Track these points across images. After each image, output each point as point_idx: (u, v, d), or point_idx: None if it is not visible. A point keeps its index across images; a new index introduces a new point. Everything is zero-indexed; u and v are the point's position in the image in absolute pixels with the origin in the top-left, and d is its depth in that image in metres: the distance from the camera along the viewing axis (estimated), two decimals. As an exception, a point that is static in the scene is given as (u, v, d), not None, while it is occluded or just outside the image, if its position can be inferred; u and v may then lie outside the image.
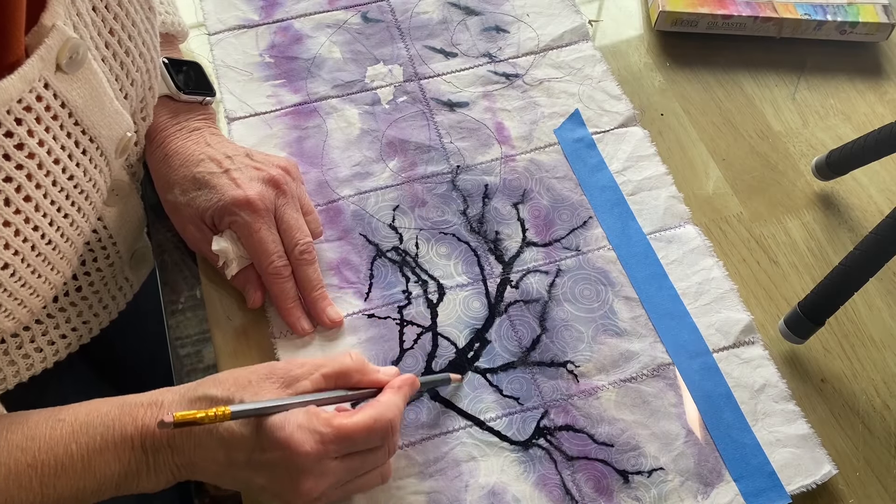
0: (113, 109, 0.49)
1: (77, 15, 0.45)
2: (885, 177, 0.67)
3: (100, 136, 0.48)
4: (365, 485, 0.49)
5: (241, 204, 0.55)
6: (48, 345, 0.55)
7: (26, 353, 0.54)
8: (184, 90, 0.60)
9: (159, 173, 0.59)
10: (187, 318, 0.59)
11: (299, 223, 0.57)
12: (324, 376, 0.48)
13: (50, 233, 0.46)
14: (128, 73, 0.51)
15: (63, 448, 0.44)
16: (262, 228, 0.55)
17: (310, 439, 0.44)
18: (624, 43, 0.75)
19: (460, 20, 0.74)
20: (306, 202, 0.59)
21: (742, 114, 0.71)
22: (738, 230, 0.64)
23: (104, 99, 0.47)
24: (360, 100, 0.69)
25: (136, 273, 0.63)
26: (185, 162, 0.57)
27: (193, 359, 0.58)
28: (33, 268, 0.46)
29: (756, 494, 0.52)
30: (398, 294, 0.59)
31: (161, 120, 0.59)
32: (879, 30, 0.74)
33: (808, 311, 0.56)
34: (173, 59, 0.61)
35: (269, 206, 0.56)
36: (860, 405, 0.57)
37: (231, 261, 0.56)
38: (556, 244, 0.62)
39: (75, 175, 0.47)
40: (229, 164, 0.57)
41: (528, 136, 0.67)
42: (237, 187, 0.55)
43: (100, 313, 0.59)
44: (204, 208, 0.56)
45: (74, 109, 0.45)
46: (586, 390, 0.55)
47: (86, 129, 0.47)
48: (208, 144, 0.59)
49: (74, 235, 0.48)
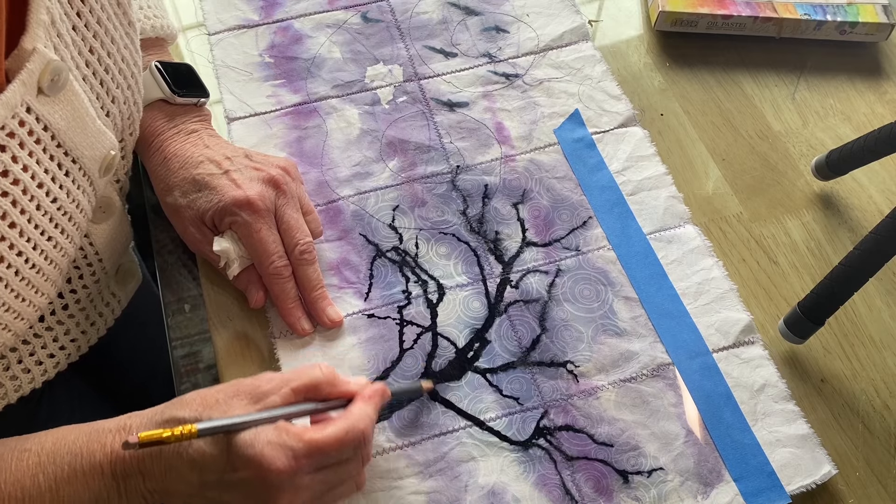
0: (95, 129, 0.48)
1: (58, 36, 0.44)
2: (884, 177, 0.67)
3: (82, 157, 0.48)
4: (341, 495, 0.48)
5: (242, 204, 0.55)
6: (36, 364, 0.55)
7: (14, 375, 0.54)
8: (178, 93, 0.59)
9: (158, 177, 0.58)
10: (187, 318, 0.59)
11: (299, 223, 0.57)
12: (293, 390, 0.46)
13: (34, 257, 0.45)
14: (108, 91, 0.51)
15: (30, 479, 0.43)
16: (263, 228, 0.55)
17: (282, 455, 0.43)
18: (624, 43, 0.75)
19: (460, 20, 0.74)
20: (306, 202, 0.59)
21: (742, 114, 0.71)
22: (738, 230, 0.64)
23: (86, 119, 0.47)
24: (359, 100, 0.69)
25: (122, 288, 0.63)
26: (185, 164, 0.57)
27: (193, 359, 0.58)
28: (17, 292, 0.45)
29: (756, 494, 0.52)
30: (398, 294, 0.59)
31: (158, 124, 0.59)
32: (879, 30, 0.74)
33: (808, 311, 0.56)
34: (164, 63, 0.60)
35: (269, 205, 0.56)
36: (860, 405, 0.57)
37: (232, 261, 0.56)
38: (556, 244, 0.62)
39: (59, 198, 0.46)
40: (229, 165, 0.57)
41: (527, 136, 0.67)
42: (237, 188, 0.55)
43: (87, 330, 0.59)
44: (204, 209, 0.56)
45: (57, 132, 0.45)
46: (586, 390, 0.55)
47: (68, 150, 0.46)
48: (207, 146, 0.58)
49: (59, 257, 0.48)
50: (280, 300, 0.56)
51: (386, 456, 0.52)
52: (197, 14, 0.73)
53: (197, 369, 0.57)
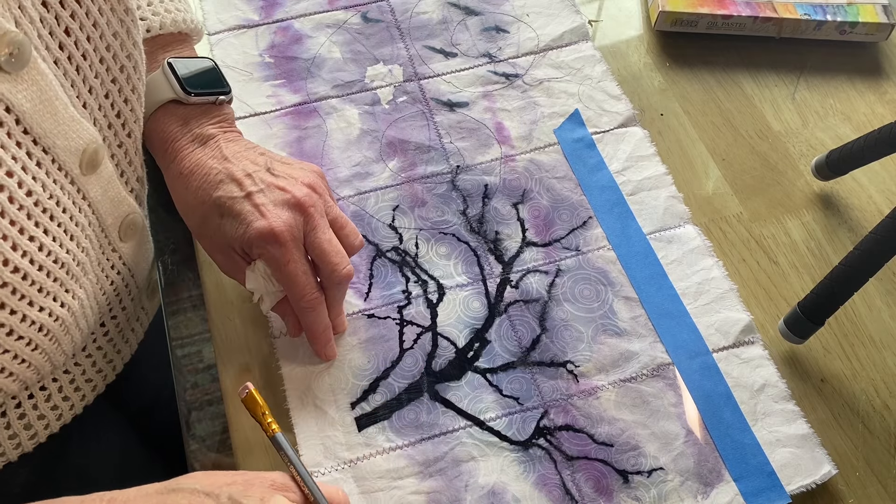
0: (68, 116, 0.44)
1: (20, 8, 0.40)
2: (885, 177, 0.67)
3: (55, 147, 0.44)
4: None
5: (268, 238, 0.50)
6: (75, 391, 0.55)
7: (55, 405, 0.54)
8: (190, 92, 0.55)
9: (177, 193, 0.55)
10: (187, 318, 0.59)
11: (332, 245, 0.52)
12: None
13: (39, 257, 0.44)
14: (85, 80, 0.47)
15: None
16: (291, 261, 0.51)
17: None
18: (624, 43, 0.75)
19: (460, 20, 0.74)
20: (338, 216, 0.54)
21: (742, 114, 0.71)
22: (738, 230, 0.64)
23: (56, 104, 0.43)
24: (359, 100, 0.69)
25: (151, 301, 0.62)
26: (203, 183, 0.53)
27: (193, 359, 0.58)
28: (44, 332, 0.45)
29: (756, 494, 0.52)
30: (398, 294, 0.59)
31: (171, 128, 0.55)
32: (879, 30, 0.74)
33: (808, 311, 0.56)
34: (183, 59, 0.56)
35: (296, 235, 0.51)
36: (860, 405, 0.57)
37: (265, 297, 0.54)
38: (556, 244, 0.62)
39: (34, 192, 0.42)
40: (251, 186, 0.52)
41: (527, 136, 0.67)
42: (261, 216, 0.51)
43: (122, 349, 0.58)
44: (231, 237, 0.52)
45: (21, 115, 0.41)
46: (586, 390, 0.55)
47: (37, 138, 0.42)
48: (225, 158, 0.54)
49: (62, 273, 0.46)
50: (311, 330, 0.54)
51: (386, 456, 0.52)
52: (197, 14, 0.73)
53: (197, 369, 0.57)
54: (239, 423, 0.54)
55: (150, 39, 0.57)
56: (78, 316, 0.49)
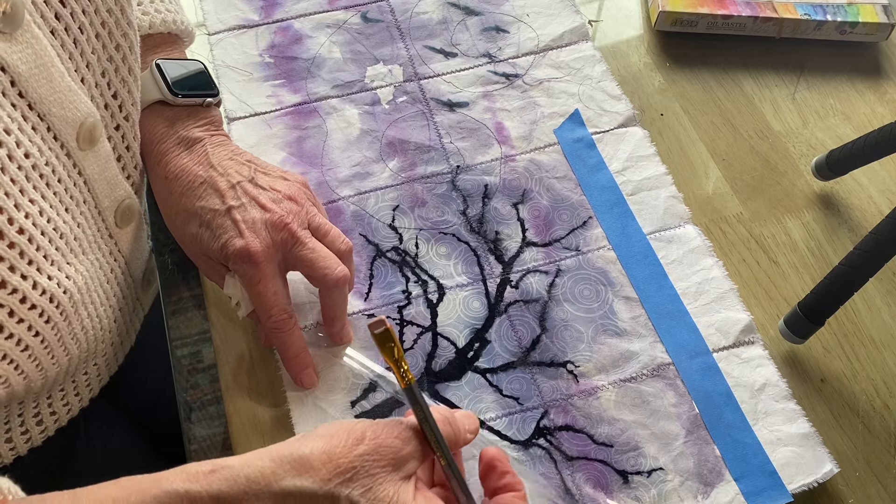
0: (65, 86, 0.43)
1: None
2: (885, 177, 0.67)
3: (50, 115, 0.43)
4: None
5: (243, 257, 0.50)
6: (74, 395, 0.55)
7: (53, 411, 0.54)
8: (177, 94, 0.55)
9: (160, 196, 0.55)
10: (187, 318, 0.59)
11: (318, 253, 0.52)
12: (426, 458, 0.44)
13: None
14: (83, 53, 0.46)
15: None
16: (262, 281, 0.51)
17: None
18: (624, 43, 0.75)
19: (460, 20, 0.74)
20: (320, 224, 0.54)
21: (742, 114, 0.71)
22: (738, 230, 0.64)
23: (52, 70, 0.42)
24: (359, 100, 0.69)
25: (146, 293, 0.61)
26: (186, 190, 0.53)
27: (193, 359, 0.58)
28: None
29: (756, 494, 0.52)
30: (398, 294, 0.59)
31: (157, 130, 0.55)
32: (879, 30, 0.74)
33: (808, 311, 0.56)
34: (172, 60, 0.57)
35: (272, 254, 0.51)
36: (860, 405, 0.57)
37: (241, 304, 0.54)
38: (556, 244, 0.62)
39: (31, 154, 0.42)
40: (232, 200, 0.52)
41: (527, 136, 0.67)
42: (239, 235, 0.51)
43: (124, 341, 0.58)
44: (208, 248, 0.52)
45: (16, 77, 0.40)
46: (586, 390, 0.55)
47: (32, 103, 0.42)
48: (211, 166, 0.54)
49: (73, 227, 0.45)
50: (281, 354, 0.54)
51: (386, 456, 0.52)
52: (197, 14, 0.73)
53: (197, 369, 0.57)
54: (239, 423, 0.54)
55: (140, 40, 0.57)
56: (83, 292, 0.48)
